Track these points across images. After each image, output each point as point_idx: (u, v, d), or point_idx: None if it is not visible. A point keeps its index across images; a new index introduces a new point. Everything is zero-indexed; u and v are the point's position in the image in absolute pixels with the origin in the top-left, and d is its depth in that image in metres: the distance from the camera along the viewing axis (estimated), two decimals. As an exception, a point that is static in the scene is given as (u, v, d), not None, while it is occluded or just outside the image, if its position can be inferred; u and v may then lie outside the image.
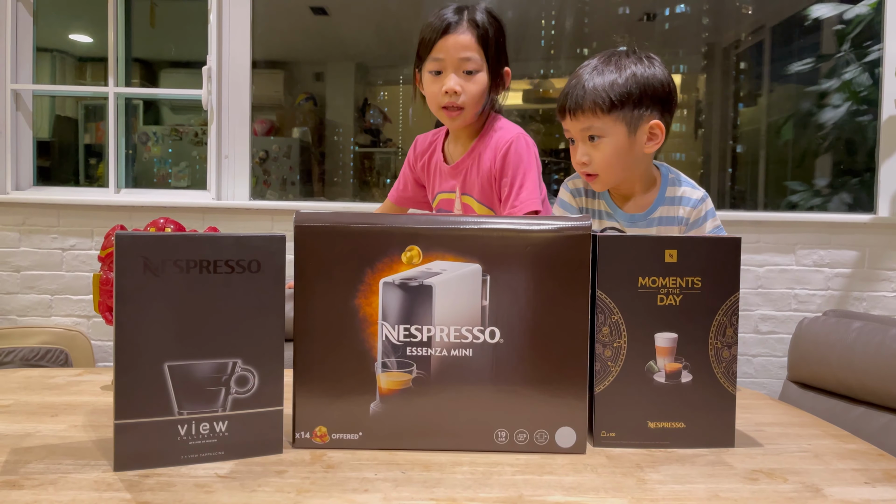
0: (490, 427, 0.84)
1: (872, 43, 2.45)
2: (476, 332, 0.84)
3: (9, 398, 1.06)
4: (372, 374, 0.84)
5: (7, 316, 2.37)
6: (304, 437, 0.84)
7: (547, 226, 0.84)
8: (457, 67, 1.38)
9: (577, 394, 0.84)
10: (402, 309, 0.84)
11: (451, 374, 0.84)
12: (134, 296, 0.76)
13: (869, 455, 0.86)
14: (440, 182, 1.56)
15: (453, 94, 1.38)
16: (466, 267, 0.84)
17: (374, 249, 0.84)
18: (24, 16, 2.48)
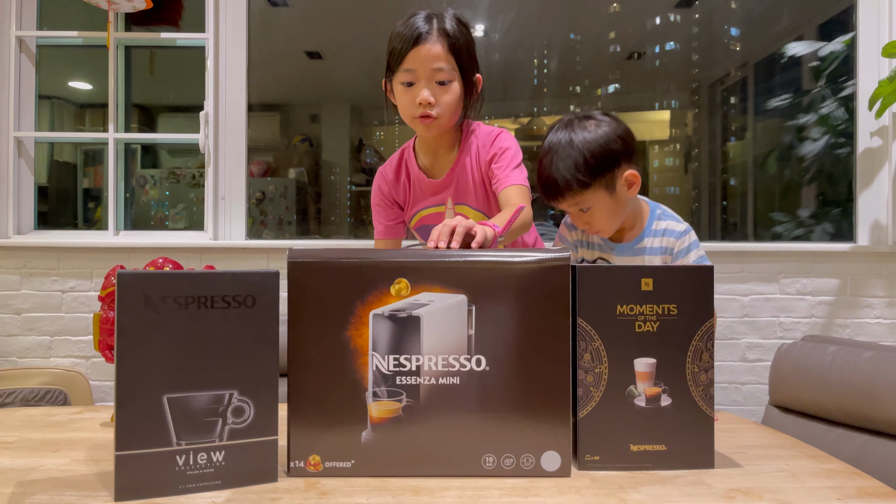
0: (478, 453, 0.87)
1: (847, 78, 2.54)
2: (463, 360, 0.88)
3: (12, 435, 1.08)
4: (363, 403, 0.87)
5: (8, 358, 2.40)
6: (299, 465, 0.87)
7: (528, 258, 0.89)
8: (429, 78, 1.35)
9: (561, 419, 0.88)
10: (392, 339, 0.87)
11: (440, 402, 0.87)
12: (134, 331, 0.79)
13: (844, 474, 0.89)
14: (423, 199, 1.53)
15: (427, 105, 1.35)
16: (453, 298, 0.88)
17: (364, 283, 0.87)
18: (27, 65, 2.56)
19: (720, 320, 2.36)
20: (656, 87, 3.64)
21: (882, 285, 2.34)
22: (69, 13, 2.62)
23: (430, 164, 1.51)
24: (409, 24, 1.35)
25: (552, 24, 3.42)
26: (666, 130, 3.85)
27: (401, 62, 1.35)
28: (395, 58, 1.37)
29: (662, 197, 3.78)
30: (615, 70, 3.71)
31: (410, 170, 1.53)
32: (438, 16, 1.37)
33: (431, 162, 1.51)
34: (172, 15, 2.67)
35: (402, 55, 1.35)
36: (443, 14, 1.38)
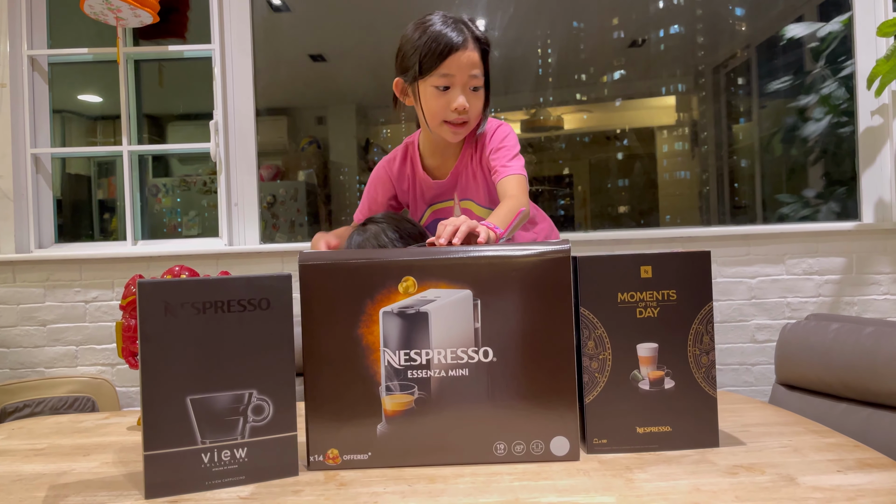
0: (489, 440, 0.91)
1: (846, 58, 2.54)
2: (471, 352, 0.91)
3: (43, 442, 1.13)
4: (377, 397, 0.91)
5: (35, 368, 2.46)
6: (318, 459, 0.91)
7: (530, 251, 0.92)
8: (465, 84, 1.36)
9: (568, 405, 0.91)
10: (402, 335, 0.91)
11: (450, 393, 0.91)
12: (156, 337, 0.83)
13: (845, 447, 0.92)
14: (430, 197, 1.56)
15: (463, 112, 1.37)
16: (458, 293, 0.91)
17: (373, 282, 0.91)
18: (40, 83, 2.62)
19: (728, 303, 2.37)
20: (661, 73, 3.65)
21: (888, 262, 2.34)
22: (79, 30, 2.67)
23: (436, 165, 1.53)
24: (443, 32, 1.35)
25: (554, 13, 3.43)
26: (672, 116, 3.85)
27: (437, 66, 1.35)
28: (430, 61, 1.35)
29: (673, 182, 3.79)
30: (620, 57, 3.72)
31: (416, 171, 1.55)
32: (466, 22, 1.39)
33: (438, 163, 1.53)
34: (179, 28, 2.72)
35: (440, 59, 1.34)
36: (468, 20, 1.40)
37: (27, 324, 2.49)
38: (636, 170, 3.89)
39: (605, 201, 3.81)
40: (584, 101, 3.58)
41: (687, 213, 3.69)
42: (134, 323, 1.22)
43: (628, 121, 3.86)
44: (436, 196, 1.55)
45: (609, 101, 3.77)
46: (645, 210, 3.76)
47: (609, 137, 3.97)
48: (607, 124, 3.90)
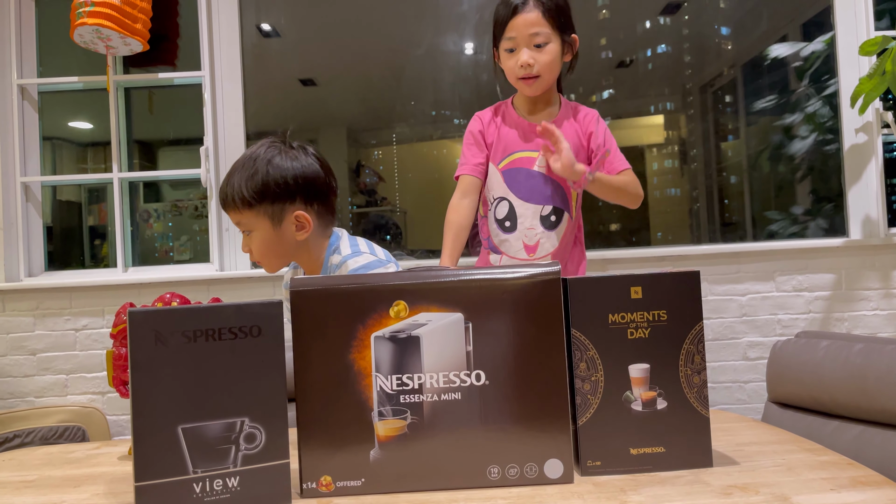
0: (482, 464, 0.91)
1: (829, 77, 2.58)
2: (463, 376, 0.91)
3: (33, 473, 1.12)
4: (370, 423, 0.91)
5: (25, 398, 2.44)
6: (311, 486, 0.90)
7: (520, 273, 0.92)
8: (528, 43, 1.54)
9: (561, 427, 0.91)
10: (394, 360, 0.91)
11: (443, 417, 0.91)
12: (147, 366, 0.83)
13: (839, 465, 0.92)
14: (516, 142, 1.65)
15: (527, 67, 1.54)
16: (450, 316, 0.91)
17: (364, 307, 0.91)
18: (30, 112, 2.62)
19: (719, 320, 2.38)
20: (649, 92, 3.69)
21: (876, 277, 2.36)
22: (68, 59, 2.68)
23: (527, 114, 1.67)
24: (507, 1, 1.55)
25: (541, 36, 3.47)
26: (661, 134, 3.89)
27: (503, 31, 1.56)
28: (498, 28, 1.58)
29: (663, 199, 3.81)
30: (608, 76, 3.76)
31: (508, 115, 1.68)
32: None
33: (528, 112, 1.67)
34: (168, 55, 2.74)
35: (504, 25, 1.55)
36: None
37: (17, 353, 2.47)
38: (626, 188, 3.90)
39: (595, 220, 3.83)
40: (573, 122, 3.61)
41: (677, 231, 3.71)
42: (125, 351, 1.22)
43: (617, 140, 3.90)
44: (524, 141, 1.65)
45: (598, 120, 3.80)
46: (635, 228, 3.77)
47: (598, 157, 4.00)
48: (597, 144, 3.92)
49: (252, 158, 1.31)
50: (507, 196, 1.64)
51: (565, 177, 1.50)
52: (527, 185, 1.63)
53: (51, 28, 2.68)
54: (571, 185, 1.61)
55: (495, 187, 1.67)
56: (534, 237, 1.63)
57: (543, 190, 1.62)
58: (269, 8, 3.24)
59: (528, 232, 1.62)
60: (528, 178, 1.63)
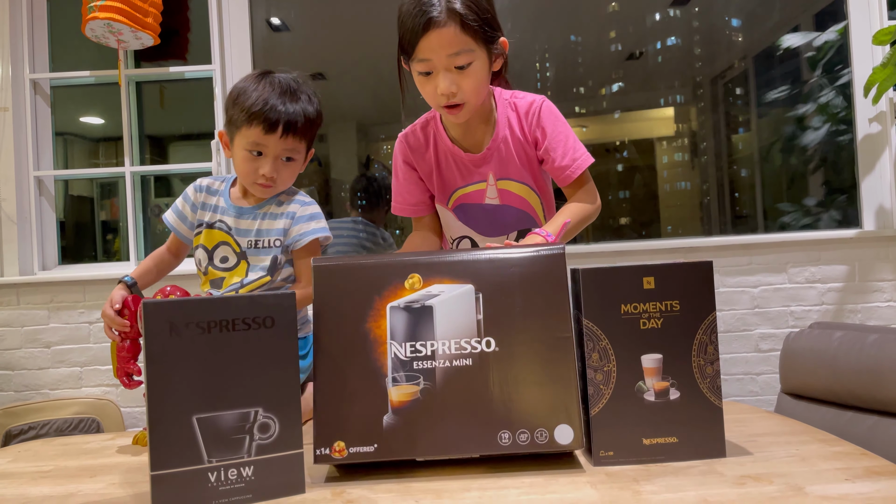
0: (494, 429, 0.91)
1: (842, 66, 2.56)
2: (474, 343, 0.94)
3: (49, 464, 1.13)
4: (384, 389, 0.92)
5: (40, 390, 2.46)
6: (324, 453, 0.91)
7: (527, 251, 0.97)
8: (447, 65, 1.22)
9: (570, 394, 0.92)
10: (408, 328, 0.94)
11: (455, 383, 0.93)
12: (162, 357, 0.84)
13: (853, 455, 0.92)
14: (460, 176, 1.41)
15: (450, 96, 1.24)
16: (461, 287, 0.95)
17: (381, 280, 0.95)
18: (43, 106, 2.64)
19: (731, 312, 2.37)
20: (659, 85, 3.67)
21: (890, 269, 2.35)
22: (80, 53, 2.70)
23: (462, 136, 1.40)
24: (410, 9, 1.22)
25: (551, 27, 3.45)
26: (672, 127, 3.87)
27: (413, 50, 1.23)
28: (408, 44, 1.24)
29: (674, 192, 3.79)
30: (618, 69, 3.74)
31: (440, 143, 1.41)
32: None
33: (463, 135, 1.39)
34: (179, 49, 2.75)
35: (414, 44, 1.22)
36: None
37: (31, 346, 2.50)
38: (636, 181, 3.90)
39: (605, 213, 3.82)
40: (583, 114, 3.60)
41: (688, 224, 3.70)
42: (128, 343, 1.23)
43: (627, 133, 3.88)
44: (465, 175, 1.41)
45: (608, 113, 3.79)
46: (646, 221, 3.76)
47: (609, 149, 3.99)
48: (606, 136, 3.91)
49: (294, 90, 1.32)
50: (467, 234, 1.46)
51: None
52: (485, 220, 1.43)
53: (62, 23, 2.69)
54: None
55: (452, 227, 1.48)
56: None
57: (504, 220, 1.42)
58: (279, 2, 3.24)
59: None
60: (484, 213, 1.42)
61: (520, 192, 1.40)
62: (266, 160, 1.30)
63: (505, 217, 1.42)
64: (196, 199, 1.41)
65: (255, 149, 1.29)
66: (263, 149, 1.29)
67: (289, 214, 1.36)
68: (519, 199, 1.40)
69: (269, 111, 1.26)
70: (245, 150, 1.30)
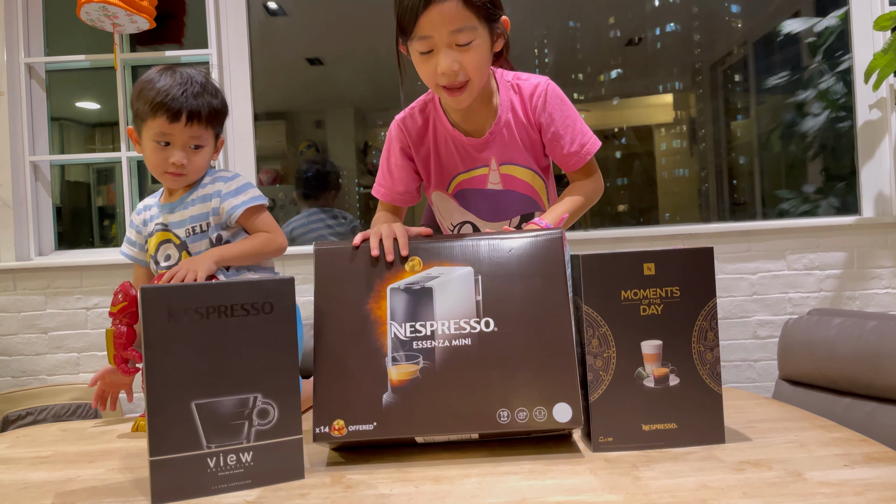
0: (493, 408, 0.92)
1: (843, 53, 2.54)
2: (473, 323, 0.95)
3: (48, 450, 1.13)
4: (384, 368, 0.93)
5: (37, 376, 2.46)
6: (324, 431, 0.91)
7: (525, 234, 0.99)
8: (448, 42, 1.17)
9: (568, 372, 0.92)
10: (408, 309, 0.95)
11: (454, 362, 0.93)
12: (160, 342, 0.83)
13: (851, 441, 0.92)
14: (461, 161, 1.37)
15: (451, 74, 1.19)
16: (461, 269, 0.96)
17: (381, 262, 0.98)
18: (38, 91, 2.62)
19: (730, 299, 2.37)
20: (658, 71, 3.65)
21: (889, 255, 2.35)
22: (75, 37, 2.67)
23: (463, 120, 1.34)
24: None
25: (550, 13, 3.43)
26: (670, 113, 3.85)
27: (413, 27, 1.17)
28: (406, 20, 1.18)
29: (672, 179, 3.79)
30: (616, 55, 3.72)
31: (439, 126, 1.36)
32: None
33: (463, 118, 1.34)
34: (175, 33, 2.73)
35: (414, 20, 1.16)
36: None
37: (28, 332, 2.49)
38: (635, 168, 3.89)
39: (604, 200, 3.81)
40: (582, 100, 3.59)
41: (686, 211, 3.69)
42: (125, 329, 1.22)
43: (626, 119, 3.87)
44: (466, 161, 1.36)
45: (606, 99, 3.77)
46: (644, 208, 3.76)
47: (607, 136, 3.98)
48: (605, 123, 3.90)
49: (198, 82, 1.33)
50: (469, 219, 1.42)
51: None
52: (486, 205, 1.39)
53: (57, 6, 2.66)
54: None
55: (452, 213, 1.43)
56: None
57: (507, 204, 1.39)
58: (275, -14, 3.21)
59: None
60: (486, 198, 1.39)
61: (524, 176, 1.36)
62: (174, 149, 1.32)
63: (508, 202, 1.38)
64: (137, 220, 1.45)
65: (163, 139, 1.31)
66: (170, 138, 1.31)
67: (216, 193, 1.36)
68: (523, 183, 1.37)
69: (171, 101, 1.29)
70: (153, 142, 1.32)
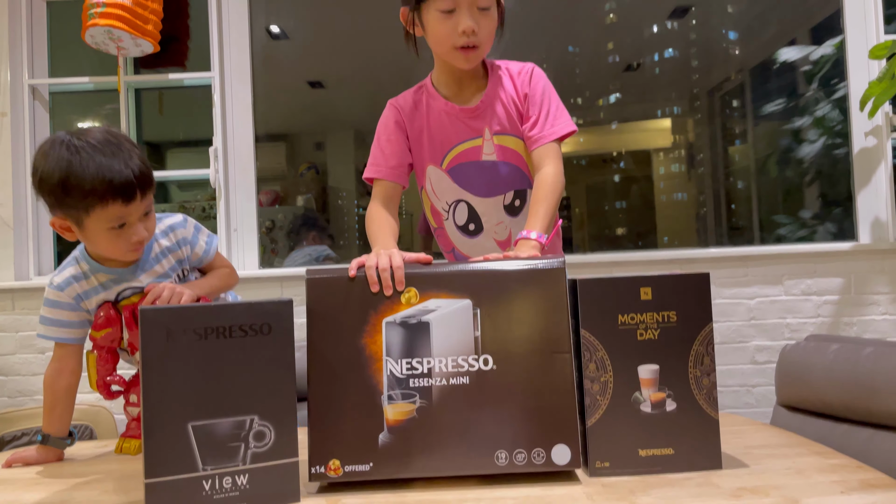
0: (490, 449, 0.91)
1: (839, 80, 2.57)
2: (471, 360, 0.93)
3: (43, 471, 1.12)
4: (379, 406, 0.92)
5: (34, 396, 2.45)
6: (319, 471, 0.91)
7: (525, 264, 0.96)
8: (471, 4, 1.24)
9: (568, 413, 0.91)
10: (404, 344, 0.93)
11: (452, 402, 0.92)
12: (158, 363, 0.84)
13: (848, 468, 0.92)
14: (454, 133, 1.39)
15: (471, 34, 1.25)
16: (459, 303, 0.93)
17: (376, 293, 0.94)
18: (41, 112, 2.64)
19: (727, 324, 2.37)
20: (656, 96, 3.69)
21: (886, 282, 2.35)
22: (79, 59, 2.70)
23: (455, 94, 1.39)
24: None
25: (549, 38, 3.47)
26: (668, 138, 3.88)
27: None
28: None
29: (670, 203, 3.80)
30: (615, 80, 3.76)
31: (432, 104, 1.40)
32: None
33: (455, 93, 1.39)
34: (179, 56, 2.75)
35: None
36: None
37: (26, 351, 2.48)
38: (633, 192, 3.91)
39: (602, 223, 3.83)
40: (581, 125, 3.62)
41: (684, 235, 3.71)
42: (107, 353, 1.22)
43: (624, 143, 3.90)
44: (460, 131, 1.39)
45: (605, 124, 3.81)
46: (643, 231, 3.77)
47: (605, 160, 4.00)
48: (604, 147, 3.93)
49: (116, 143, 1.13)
50: (463, 197, 1.43)
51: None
52: (481, 178, 1.41)
53: (62, 29, 2.69)
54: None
55: (445, 191, 1.44)
56: (504, 231, 1.43)
57: (501, 177, 1.41)
58: (278, 10, 3.25)
59: (496, 228, 1.43)
60: (480, 171, 1.40)
61: (517, 147, 1.39)
62: (131, 227, 1.15)
63: (501, 174, 1.40)
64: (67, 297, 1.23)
65: (119, 222, 1.13)
66: (127, 218, 1.14)
67: (183, 241, 1.29)
68: (516, 155, 1.38)
69: (120, 182, 1.10)
70: (107, 230, 1.13)
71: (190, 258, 1.31)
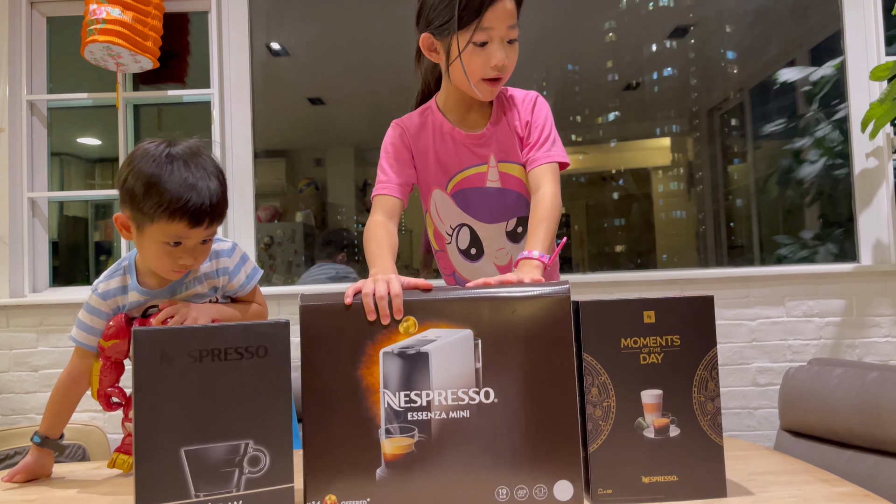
0: (491, 485, 0.89)
1: (839, 101, 2.57)
2: (472, 393, 0.90)
3: (34, 494, 1.10)
4: (377, 440, 0.89)
5: (26, 415, 2.42)
6: None
7: (529, 291, 0.92)
8: (503, 38, 1.26)
9: (571, 448, 0.89)
10: (402, 376, 0.90)
11: (451, 436, 0.89)
12: (151, 386, 0.82)
13: (855, 496, 0.90)
14: (458, 159, 1.41)
15: (502, 69, 1.28)
16: (459, 333, 0.90)
17: (373, 322, 0.90)
18: (39, 127, 2.63)
19: (729, 345, 2.36)
20: (656, 115, 3.69)
21: (888, 304, 2.34)
22: (78, 75, 2.70)
23: (460, 120, 1.41)
24: None
25: (549, 56, 3.48)
26: (668, 157, 3.89)
27: (478, 19, 1.24)
28: (470, 14, 1.24)
29: (669, 222, 3.79)
30: (614, 99, 3.76)
31: (437, 127, 1.41)
32: None
33: (461, 118, 1.41)
34: (178, 73, 2.75)
35: (480, 12, 1.23)
36: None
37: (19, 369, 2.46)
38: (633, 210, 3.91)
39: (602, 242, 3.82)
40: (580, 143, 3.62)
41: (684, 253, 3.70)
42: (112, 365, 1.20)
43: (624, 161, 3.90)
44: (464, 158, 1.41)
45: (604, 142, 3.81)
46: (642, 250, 3.76)
47: (605, 178, 4.00)
48: (603, 165, 3.93)
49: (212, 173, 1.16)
50: (467, 221, 1.44)
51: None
52: (485, 204, 1.43)
53: (61, 44, 2.69)
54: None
55: (450, 215, 1.45)
56: (504, 256, 1.45)
57: (504, 204, 1.42)
58: (278, 27, 3.26)
59: (497, 253, 1.44)
60: (483, 197, 1.42)
61: (520, 174, 1.40)
62: (186, 250, 1.15)
63: (504, 201, 1.41)
64: (106, 307, 1.23)
65: (176, 240, 1.13)
66: (185, 240, 1.14)
67: (223, 271, 1.27)
68: (519, 182, 1.39)
69: (193, 208, 1.10)
70: (161, 244, 1.13)
71: (225, 287, 1.29)
